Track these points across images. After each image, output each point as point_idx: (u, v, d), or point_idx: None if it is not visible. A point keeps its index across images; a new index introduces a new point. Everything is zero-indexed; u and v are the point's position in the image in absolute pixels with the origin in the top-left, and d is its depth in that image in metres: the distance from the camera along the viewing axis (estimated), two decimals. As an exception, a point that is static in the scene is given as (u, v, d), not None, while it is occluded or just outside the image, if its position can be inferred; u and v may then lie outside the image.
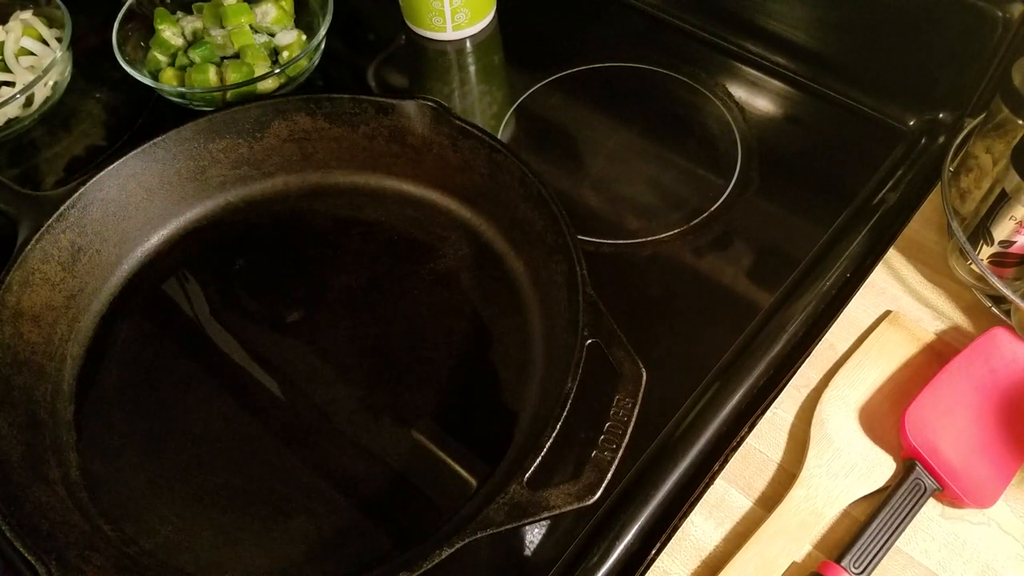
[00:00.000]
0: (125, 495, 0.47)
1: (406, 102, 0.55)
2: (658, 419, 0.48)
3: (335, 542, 0.45)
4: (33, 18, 0.66)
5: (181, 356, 0.53)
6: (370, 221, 0.57)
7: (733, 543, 0.44)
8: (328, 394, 0.50)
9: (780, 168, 0.60)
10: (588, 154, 0.62)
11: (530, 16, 0.73)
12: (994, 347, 0.48)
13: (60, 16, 0.66)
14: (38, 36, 0.66)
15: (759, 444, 0.47)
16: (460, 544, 0.38)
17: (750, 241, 0.56)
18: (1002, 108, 0.49)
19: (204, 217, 0.58)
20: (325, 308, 0.54)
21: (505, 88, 0.67)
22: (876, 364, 0.49)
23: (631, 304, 0.53)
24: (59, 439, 0.48)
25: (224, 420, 0.49)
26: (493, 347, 0.51)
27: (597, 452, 0.40)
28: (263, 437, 0.49)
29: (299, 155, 0.58)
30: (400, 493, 0.47)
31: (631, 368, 0.42)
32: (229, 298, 0.55)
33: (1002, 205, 0.46)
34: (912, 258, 0.55)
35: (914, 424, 0.45)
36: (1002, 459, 0.45)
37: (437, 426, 0.48)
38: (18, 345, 0.49)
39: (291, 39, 0.65)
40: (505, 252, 0.54)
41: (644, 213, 0.58)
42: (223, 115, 0.56)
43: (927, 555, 0.43)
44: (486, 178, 0.54)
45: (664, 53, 0.67)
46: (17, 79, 0.64)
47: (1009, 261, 0.49)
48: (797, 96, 0.65)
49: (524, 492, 0.39)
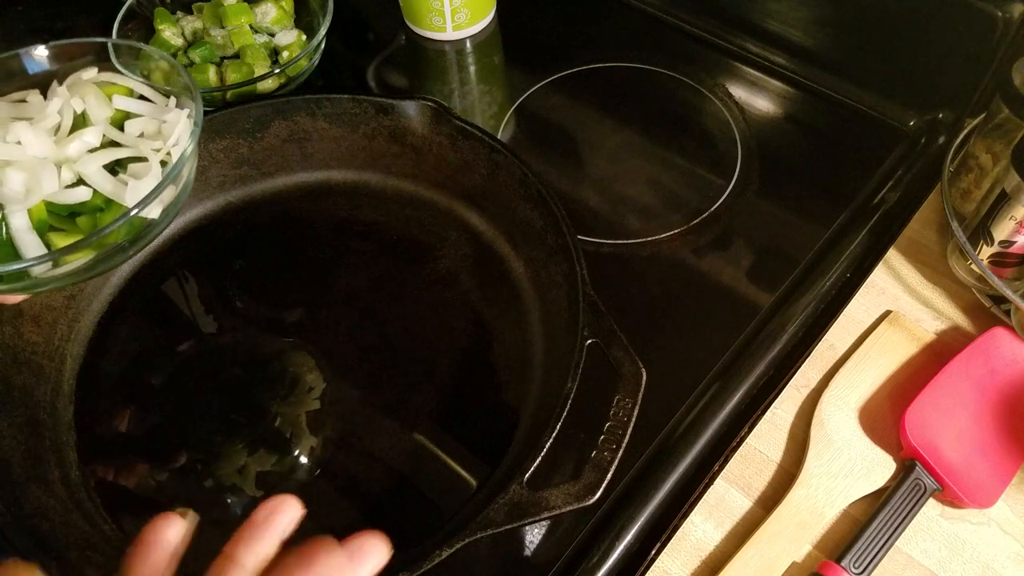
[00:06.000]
0: (125, 495, 0.47)
1: (406, 102, 0.55)
2: (658, 419, 0.48)
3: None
4: (109, 75, 0.47)
5: (180, 356, 0.53)
6: (370, 221, 0.57)
7: (733, 543, 0.44)
8: (328, 394, 0.50)
9: (780, 168, 0.60)
10: (588, 154, 0.62)
11: (530, 16, 0.73)
12: (994, 347, 0.48)
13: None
14: (128, 92, 0.46)
15: (759, 444, 0.47)
16: (460, 544, 0.38)
17: (750, 241, 0.56)
18: (1002, 108, 0.49)
19: (204, 217, 0.58)
20: (325, 308, 0.54)
21: (505, 88, 0.67)
22: (876, 364, 0.49)
23: (631, 304, 0.53)
24: (59, 439, 0.48)
25: (224, 420, 0.49)
26: (493, 347, 0.51)
27: (597, 452, 0.40)
28: (263, 437, 0.49)
29: (299, 155, 0.58)
30: (400, 493, 0.47)
31: (631, 368, 0.42)
32: (229, 298, 0.55)
33: (1002, 205, 0.46)
34: (912, 258, 0.55)
35: (914, 424, 0.45)
36: (1002, 459, 0.45)
37: (437, 426, 0.48)
38: (18, 345, 0.49)
39: (291, 39, 0.65)
40: (505, 252, 0.54)
41: (644, 213, 0.58)
42: (223, 115, 0.56)
43: (927, 555, 0.43)
44: (486, 178, 0.54)
45: (664, 53, 0.67)
46: (141, 151, 0.43)
47: (1009, 261, 0.49)
48: (797, 96, 0.65)
49: (524, 492, 0.39)
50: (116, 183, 0.42)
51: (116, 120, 0.45)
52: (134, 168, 0.42)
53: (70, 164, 0.42)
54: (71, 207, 0.41)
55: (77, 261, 0.40)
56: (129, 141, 0.43)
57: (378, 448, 0.48)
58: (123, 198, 0.41)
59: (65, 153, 0.42)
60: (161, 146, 0.43)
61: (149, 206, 0.40)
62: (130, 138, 0.44)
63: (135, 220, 0.41)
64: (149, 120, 0.45)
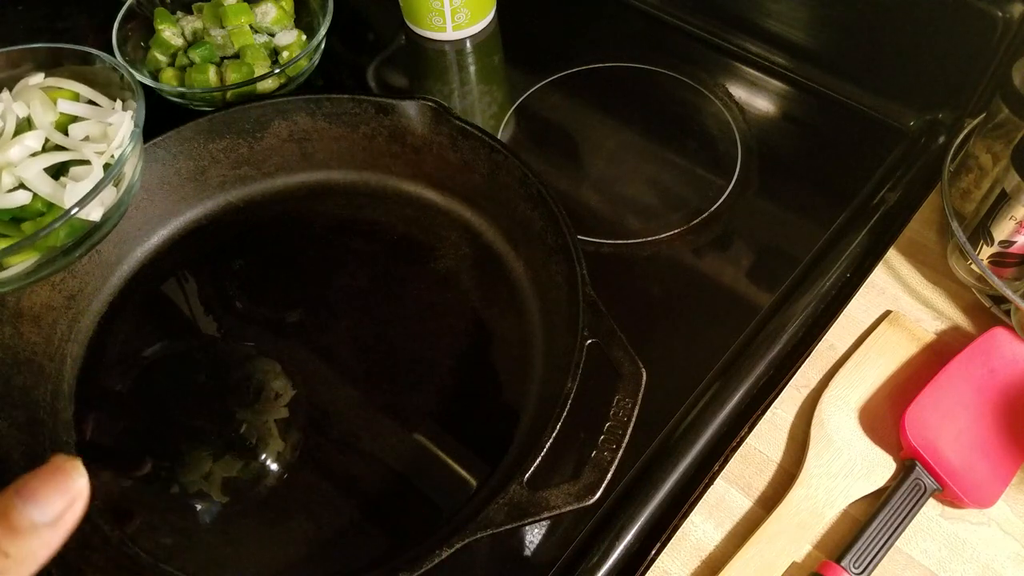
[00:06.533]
0: (125, 495, 0.47)
1: (406, 102, 0.55)
2: (658, 419, 0.48)
3: (335, 542, 0.45)
4: (56, 80, 0.47)
5: (180, 356, 0.53)
6: (370, 221, 0.57)
7: (733, 543, 0.44)
8: (328, 394, 0.50)
9: (780, 168, 0.60)
10: (588, 154, 0.62)
11: (530, 16, 0.73)
12: (994, 347, 0.48)
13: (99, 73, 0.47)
14: (73, 96, 0.47)
15: (759, 444, 0.47)
16: (460, 544, 0.38)
17: (750, 241, 0.56)
18: (1002, 108, 0.49)
19: (204, 217, 0.58)
20: (325, 308, 0.54)
21: (505, 88, 0.67)
22: (876, 364, 0.49)
23: (631, 304, 0.53)
24: (59, 439, 0.48)
25: (223, 420, 0.49)
26: (493, 347, 0.51)
27: (597, 452, 0.40)
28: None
29: (299, 155, 0.58)
30: (400, 493, 0.47)
31: (631, 368, 0.42)
32: (229, 298, 0.55)
33: (1002, 205, 0.46)
34: (912, 258, 0.55)
35: (914, 424, 0.45)
36: (1002, 459, 0.45)
37: (437, 426, 0.48)
38: (18, 345, 0.49)
39: (291, 39, 0.65)
40: (505, 252, 0.54)
41: (644, 213, 0.58)
42: (223, 115, 0.56)
43: (927, 555, 0.43)
44: (486, 178, 0.54)
45: (664, 53, 0.67)
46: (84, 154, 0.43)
47: (1009, 261, 0.49)
48: (797, 96, 0.65)
49: (524, 492, 0.39)
50: (55, 186, 0.42)
51: (61, 124, 0.45)
52: (75, 171, 0.42)
53: (10, 168, 0.42)
54: (12, 212, 0.41)
55: (20, 264, 0.40)
56: (72, 145, 0.43)
57: (378, 448, 0.48)
58: (62, 200, 0.41)
59: (6, 157, 0.42)
60: (105, 149, 0.43)
61: (89, 207, 0.40)
62: (74, 142, 0.43)
63: (75, 222, 0.41)
64: (94, 123, 0.44)
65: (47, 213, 0.42)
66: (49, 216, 0.42)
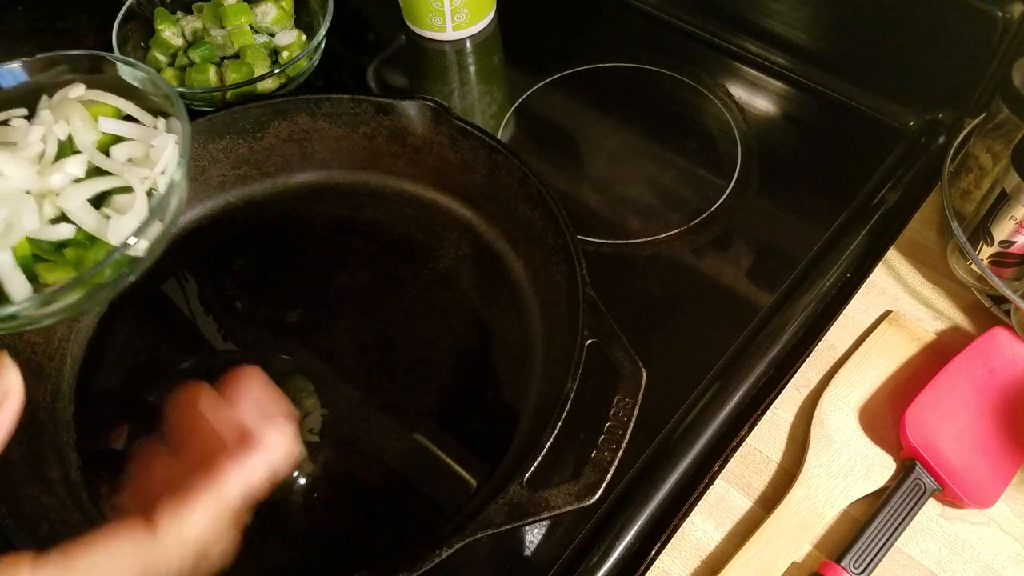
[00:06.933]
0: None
1: (406, 102, 0.55)
2: (658, 419, 0.48)
3: (335, 542, 0.45)
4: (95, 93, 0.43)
5: (180, 356, 0.53)
6: (370, 221, 0.57)
7: (733, 543, 0.44)
8: (328, 394, 0.50)
9: (780, 168, 0.60)
10: (588, 154, 0.62)
11: (530, 16, 0.73)
12: (994, 347, 0.48)
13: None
14: (115, 112, 0.43)
15: (759, 444, 0.47)
16: (460, 544, 0.38)
17: (750, 241, 0.56)
18: (1002, 108, 0.49)
19: (204, 217, 0.58)
20: (325, 308, 0.54)
21: (505, 88, 0.67)
22: (876, 364, 0.49)
23: (631, 304, 0.53)
24: (59, 439, 0.48)
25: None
26: (493, 347, 0.51)
27: (597, 452, 0.40)
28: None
29: (299, 155, 0.58)
30: (400, 493, 0.47)
31: (631, 368, 0.42)
32: (228, 298, 0.55)
33: (1002, 205, 0.46)
34: (912, 258, 0.55)
35: (914, 424, 0.45)
36: (1002, 459, 0.45)
37: (437, 426, 0.48)
38: (18, 345, 0.49)
39: (291, 39, 0.65)
40: (505, 252, 0.54)
41: (644, 213, 0.58)
42: (223, 115, 0.55)
43: (927, 555, 0.43)
44: (486, 178, 0.54)
45: (664, 53, 0.67)
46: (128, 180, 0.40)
47: (1009, 261, 0.49)
48: (797, 96, 0.65)
49: (524, 492, 0.39)
50: (99, 219, 0.39)
51: (103, 144, 0.42)
52: (118, 201, 0.40)
53: (52, 198, 0.39)
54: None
55: (65, 300, 0.38)
56: (116, 169, 0.41)
57: (378, 448, 0.48)
58: (105, 235, 0.39)
59: (48, 185, 0.40)
60: (148, 174, 0.41)
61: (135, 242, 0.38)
62: (117, 166, 0.41)
63: (120, 258, 0.39)
64: (137, 144, 0.42)
65: (91, 246, 0.39)
66: (93, 250, 0.39)
